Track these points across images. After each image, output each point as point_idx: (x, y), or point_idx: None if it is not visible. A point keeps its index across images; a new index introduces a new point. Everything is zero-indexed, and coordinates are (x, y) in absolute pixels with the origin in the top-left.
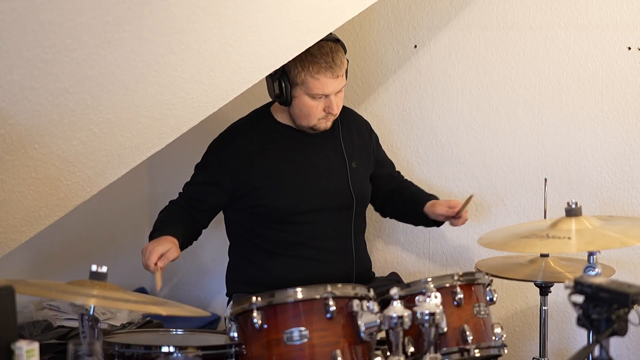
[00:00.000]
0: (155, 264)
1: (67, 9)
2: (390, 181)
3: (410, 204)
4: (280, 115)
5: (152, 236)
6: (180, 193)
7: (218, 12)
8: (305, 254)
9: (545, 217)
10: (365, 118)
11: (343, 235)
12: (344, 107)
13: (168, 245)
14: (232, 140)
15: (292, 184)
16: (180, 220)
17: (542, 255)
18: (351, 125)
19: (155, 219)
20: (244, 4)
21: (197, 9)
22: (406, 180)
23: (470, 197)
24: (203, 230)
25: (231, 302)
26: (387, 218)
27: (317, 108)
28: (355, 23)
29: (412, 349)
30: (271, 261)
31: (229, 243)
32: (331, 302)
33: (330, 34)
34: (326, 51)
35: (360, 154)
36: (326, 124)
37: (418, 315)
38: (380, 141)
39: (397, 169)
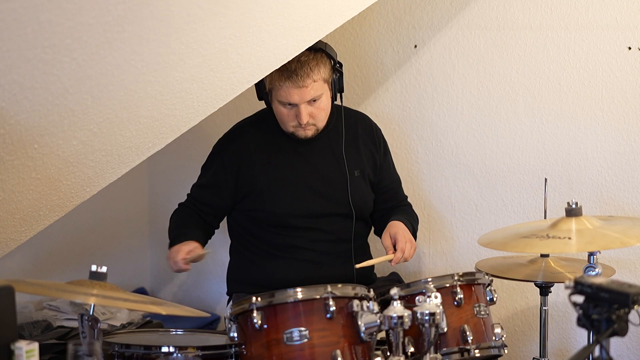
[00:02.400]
0: (183, 258)
1: (67, 9)
2: (391, 198)
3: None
4: None
5: (172, 244)
6: (187, 195)
7: (218, 12)
8: (306, 257)
9: (545, 217)
10: None
11: (343, 239)
12: (355, 112)
13: (193, 244)
14: (235, 140)
15: (291, 189)
16: (195, 224)
17: (542, 255)
18: (358, 131)
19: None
20: (244, 4)
21: (197, 9)
22: (409, 206)
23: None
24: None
25: (231, 302)
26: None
27: (288, 116)
28: (355, 23)
29: (412, 349)
30: (272, 263)
31: (229, 243)
32: (331, 302)
33: (319, 41)
34: (294, 59)
35: (365, 162)
36: (305, 133)
37: (418, 315)
38: None
39: (405, 191)
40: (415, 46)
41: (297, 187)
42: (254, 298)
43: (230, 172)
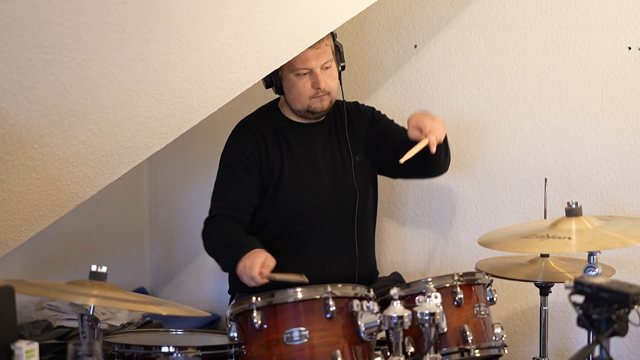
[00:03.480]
0: (260, 273)
1: (67, 9)
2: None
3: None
4: (287, 111)
5: (236, 258)
6: (216, 205)
7: (218, 12)
8: (309, 254)
9: (545, 217)
10: None
11: (346, 235)
12: (348, 102)
13: (262, 255)
14: (246, 133)
15: (301, 182)
16: (242, 232)
17: (542, 255)
18: (355, 118)
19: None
20: (244, 4)
21: (197, 9)
22: None
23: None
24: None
25: (232, 302)
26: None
27: (304, 86)
28: (355, 23)
29: (412, 349)
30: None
31: None
32: (331, 302)
33: None
34: None
35: (364, 147)
36: (322, 104)
37: (418, 315)
38: None
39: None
40: (415, 46)
41: (304, 179)
42: (253, 298)
43: (250, 162)
